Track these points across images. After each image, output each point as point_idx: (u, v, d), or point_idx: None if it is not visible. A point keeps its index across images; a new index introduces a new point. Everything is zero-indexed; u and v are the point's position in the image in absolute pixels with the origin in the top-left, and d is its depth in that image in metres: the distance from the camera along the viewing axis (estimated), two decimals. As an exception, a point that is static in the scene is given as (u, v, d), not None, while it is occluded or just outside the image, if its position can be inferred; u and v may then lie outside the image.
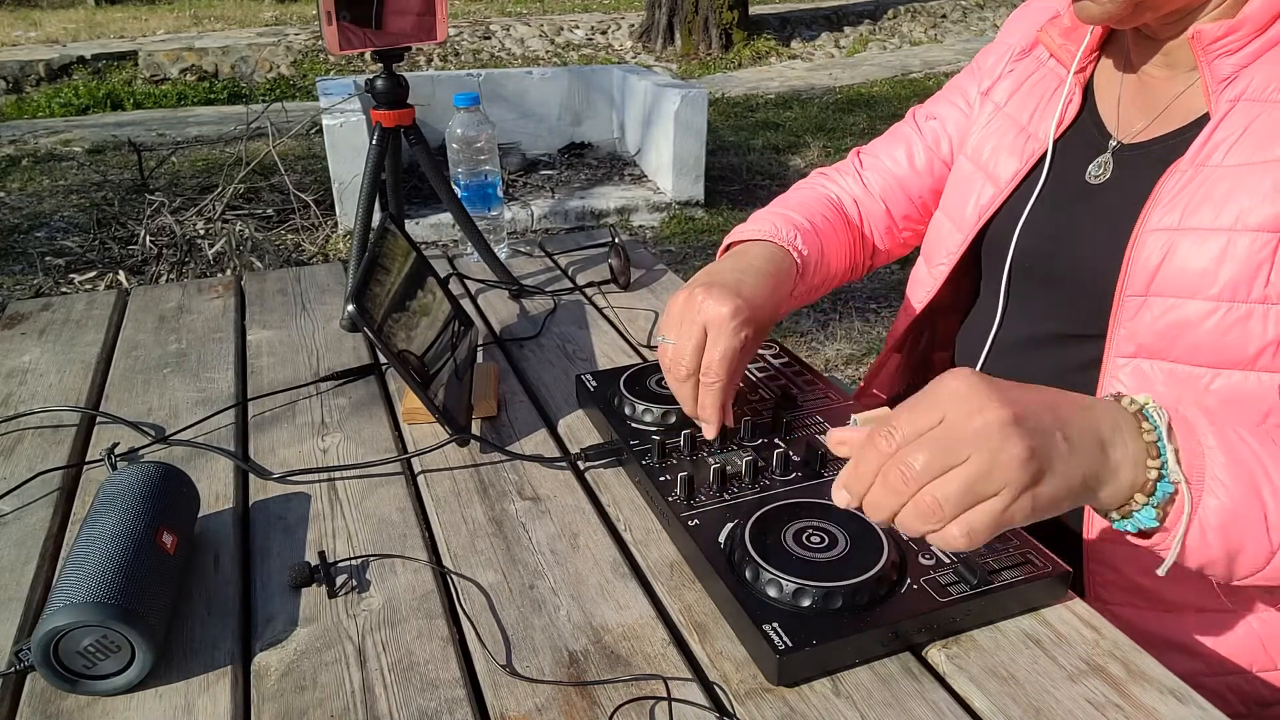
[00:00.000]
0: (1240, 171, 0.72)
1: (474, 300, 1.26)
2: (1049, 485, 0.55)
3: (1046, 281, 0.87)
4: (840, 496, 0.58)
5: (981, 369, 0.93)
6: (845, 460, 0.59)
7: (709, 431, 0.81)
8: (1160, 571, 0.60)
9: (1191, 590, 0.79)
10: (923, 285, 1.02)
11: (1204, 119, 0.76)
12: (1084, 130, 0.88)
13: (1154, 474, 0.58)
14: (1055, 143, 0.89)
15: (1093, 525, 0.81)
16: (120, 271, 3.51)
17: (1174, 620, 0.80)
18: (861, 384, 1.15)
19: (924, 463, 0.54)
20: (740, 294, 0.80)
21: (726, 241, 0.97)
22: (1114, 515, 0.60)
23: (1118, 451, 0.57)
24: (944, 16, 9.62)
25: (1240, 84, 0.74)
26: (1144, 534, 0.61)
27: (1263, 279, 0.70)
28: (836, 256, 1.01)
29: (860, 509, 0.58)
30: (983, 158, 0.95)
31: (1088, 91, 0.90)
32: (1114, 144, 0.84)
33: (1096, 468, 0.57)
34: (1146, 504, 0.58)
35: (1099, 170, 0.84)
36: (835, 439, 0.60)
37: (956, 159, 1.01)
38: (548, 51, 8.28)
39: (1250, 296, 0.70)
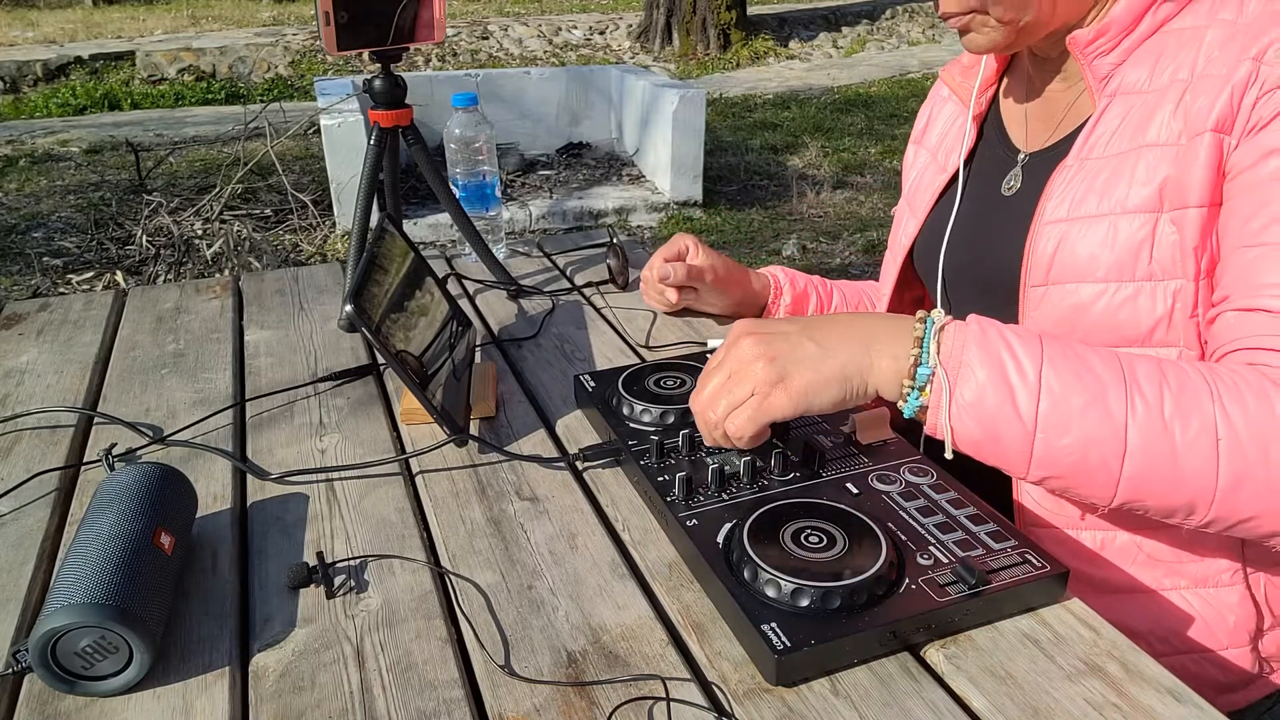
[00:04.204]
0: (1118, 159, 0.77)
1: (472, 300, 1.26)
2: (799, 379, 0.68)
3: (975, 288, 0.94)
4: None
5: None
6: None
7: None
8: (947, 455, 0.68)
9: (1121, 571, 0.82)
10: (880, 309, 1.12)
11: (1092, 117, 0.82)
12: (993, 152, 0.95)
13: (911, 360, 0.67)
14: (970, 168, 0.97)
15: (1022, 515, 0.85)
16: (118, 272, 3.51)
17: (1113, 602, 0.81)
18: None
19: (708, 394, 0.72)
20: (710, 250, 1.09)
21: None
22: (900, 404, 0.69)
23: (882, 346, 0.69)
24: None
25: (1116, 80, 0.80)
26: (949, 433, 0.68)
27: (1145, 257, 0.75)
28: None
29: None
30: (909, 194, 1.06)
31: (995, 117, 0.97)
32: (1023, 156, 0.91)
33: (856, 360, 0.69)
34: (913, 387, 0.67)
35: (1013, 182, 0.90)
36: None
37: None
38: (546, 52, 8.28)
39: (1136, 275, 0.75)
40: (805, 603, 0.62)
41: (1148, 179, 0.75)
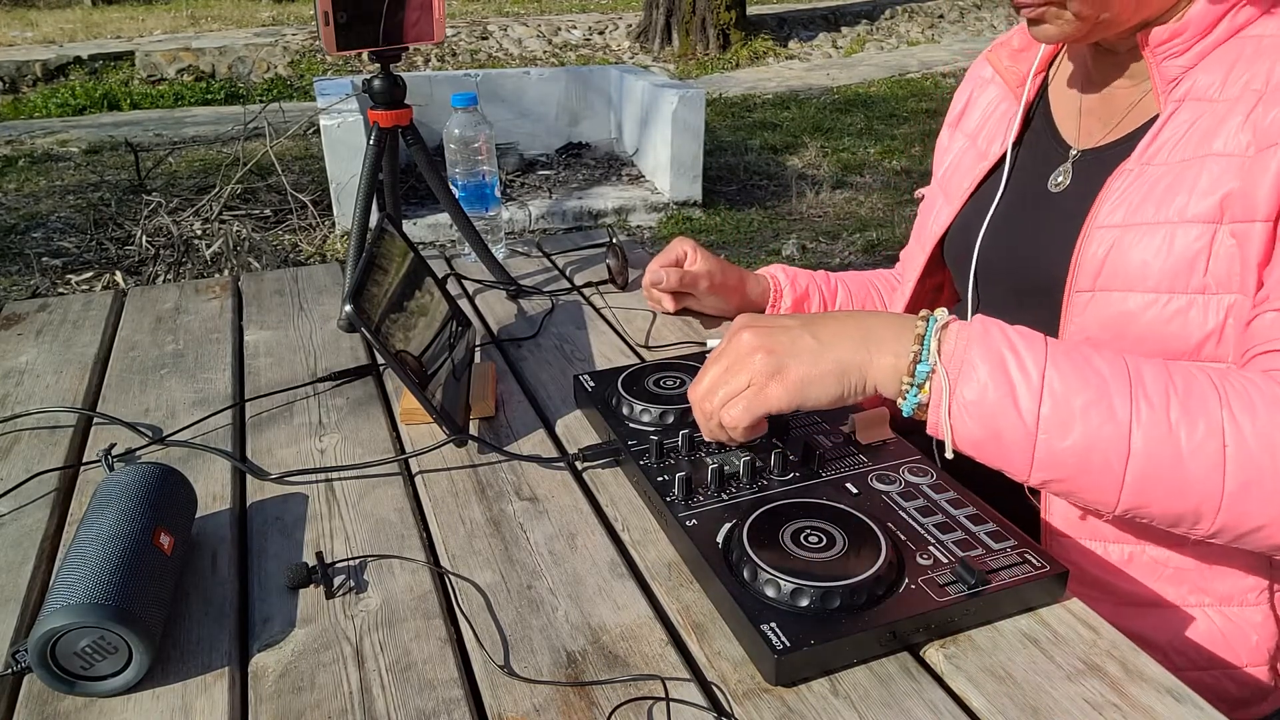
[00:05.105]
0: (1180, 167, 0.75)
1: (471, 300, 1.26)
2: (796, 371, 0.68)
3: (1010, 285, 0.91)
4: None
5: None
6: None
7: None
8: (948, 455, 0.68)
9: (1147, 585, 0.81)
10: (901, 301, 1.09)
11: (1156, 120, 0.79)
12: (1042, 143, 0.91)
13: (911, 357, 0.67)
14: (1016, 158, 0.93)
15: (1050, 526, 0.83)
16: (117, 272, 3.50)
17: (1135, 615, 0.81)
18: None
19: (706, 384, 0.73)
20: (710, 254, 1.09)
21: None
22: (899, 402, 0.69)
23: (882, 343, 0.69)
24: (941, 17, 9.62)
25: (1185, 84, 0.77)
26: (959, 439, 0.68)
27: (1200, 269, 0.73)
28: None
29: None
30: (942, 178, 1.02)
31: (1043, 107, 0.93)
32: (1074, 153, 0.87)
33: (855, 355, 0.69)
34: (912, 384, 0.67)
35: (1061, 178, 0.87)
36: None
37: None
38: (545, 52, 8.28)
39: (1189, 287, 0.73)
40: (805, 603, 0.62)
41: (1210, 189, 0.72)
